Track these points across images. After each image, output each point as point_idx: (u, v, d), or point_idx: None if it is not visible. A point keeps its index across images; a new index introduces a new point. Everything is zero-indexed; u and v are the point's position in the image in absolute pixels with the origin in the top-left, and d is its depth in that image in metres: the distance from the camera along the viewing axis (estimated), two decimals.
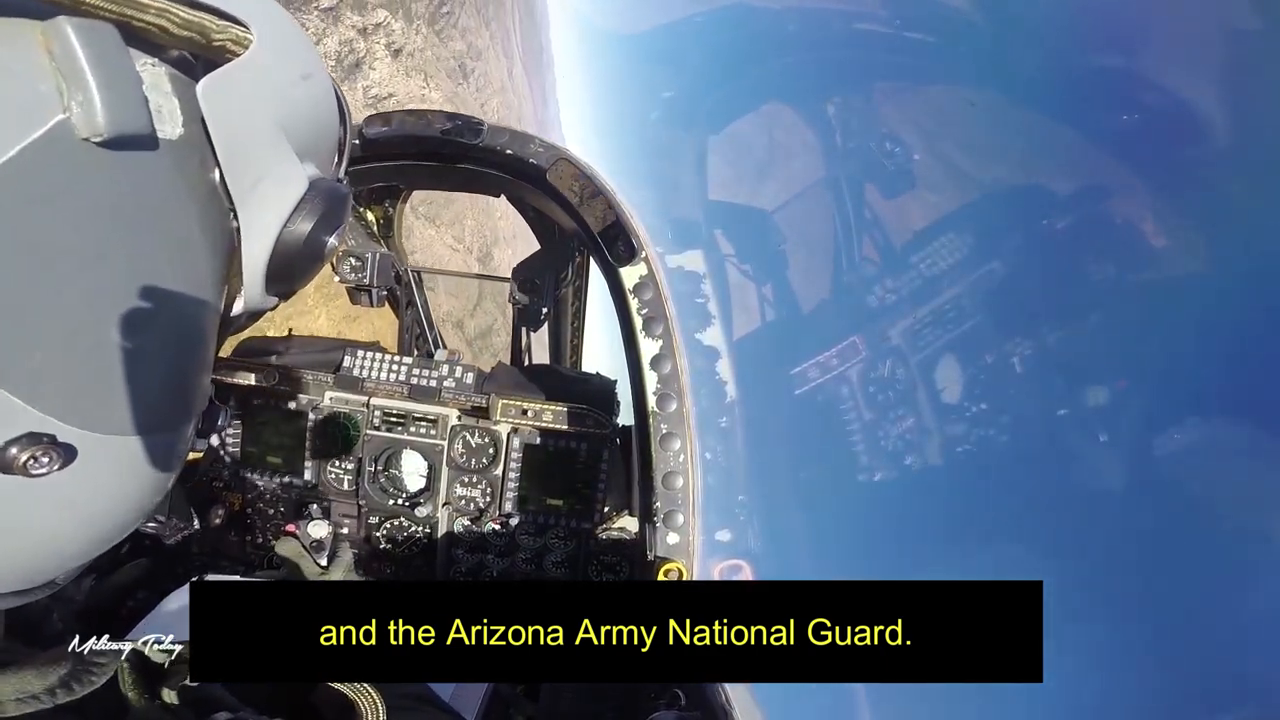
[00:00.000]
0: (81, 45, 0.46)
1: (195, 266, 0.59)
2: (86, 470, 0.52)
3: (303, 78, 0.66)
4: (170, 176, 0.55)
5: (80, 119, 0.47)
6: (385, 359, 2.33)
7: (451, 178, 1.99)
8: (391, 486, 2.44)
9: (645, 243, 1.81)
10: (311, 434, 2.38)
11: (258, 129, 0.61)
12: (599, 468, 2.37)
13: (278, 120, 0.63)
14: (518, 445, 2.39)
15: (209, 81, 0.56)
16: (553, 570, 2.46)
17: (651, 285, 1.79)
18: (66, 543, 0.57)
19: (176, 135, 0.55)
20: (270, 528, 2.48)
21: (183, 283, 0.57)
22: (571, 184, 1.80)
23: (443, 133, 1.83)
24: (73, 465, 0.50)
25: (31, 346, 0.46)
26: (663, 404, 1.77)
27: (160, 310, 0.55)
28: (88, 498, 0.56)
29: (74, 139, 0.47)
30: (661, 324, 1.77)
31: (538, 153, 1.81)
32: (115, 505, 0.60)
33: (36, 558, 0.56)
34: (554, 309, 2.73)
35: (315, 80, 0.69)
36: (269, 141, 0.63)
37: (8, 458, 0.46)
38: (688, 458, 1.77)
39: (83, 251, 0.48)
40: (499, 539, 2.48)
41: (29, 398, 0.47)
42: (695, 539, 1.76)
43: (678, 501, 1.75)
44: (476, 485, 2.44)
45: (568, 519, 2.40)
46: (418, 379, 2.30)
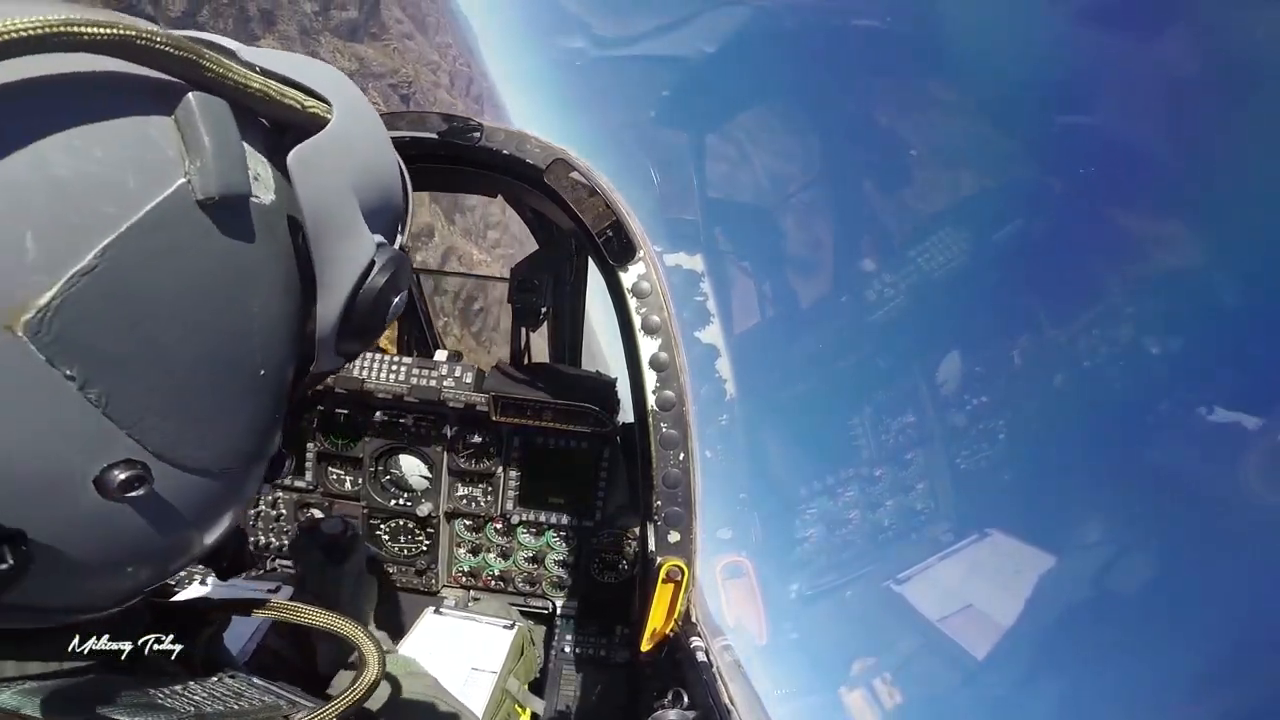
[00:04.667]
0: (202, 116, 0.52)
1: (281, 324, 0.64)
2: (167, 503, 0.57)
3: (374, 149, 0.73)
4: (263, 238, 0.58)
5: (197, 182, 0.52)
6: (385, 359, 2.33)
7: (450, 179, 1.99)
8: (393, 486, 2.44)
9: (644, 242, 1.81)
10: (312, 435, 2.38)
11: (338, 196, 0.66)
12: (599, 467, 2.38)
13: (354, 188, 0.68)
14: (518, 445, 2.39)
15: (300, 151, 0.61)
16: (554, 568, 2.46)
17: (650, 284, 1.79)
18: (140, 568, 0.61)
19: (269, 200, 0.60)
20: (272, 529, 2.48)
21: (270, 339, 0.62)
22: (569, 184, 1.80)
23: (440, 134, 1.83)
24: (156, 496, 0.55)
25: (144, 383, 0.51)
26: (662, 403, 1.77)
27: (250, 363, 0.60)
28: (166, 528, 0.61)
29: (190, 200, 0.52)
30: (661, 323, 1.77)
31: (535, 153, 1.81)
32: (187, 537, 0.64)
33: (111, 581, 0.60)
34: (554, 309, 2.73)
35: (384, 151, 0.75)
36: (347, 208, 0.68)
37: (107, 480, 0.50)
38: (688, 456, 1.77)
39: (190, 305, 0.53)
40: (500, 538, 2.48)
41: (134, 432, 0.51)
42: (696, 537, 1.77)
43: (678, 500, 1.76)
44: (477, 485, 2.44)
45: (568, 517, 2.40)
46: (418, 379, 2.30)
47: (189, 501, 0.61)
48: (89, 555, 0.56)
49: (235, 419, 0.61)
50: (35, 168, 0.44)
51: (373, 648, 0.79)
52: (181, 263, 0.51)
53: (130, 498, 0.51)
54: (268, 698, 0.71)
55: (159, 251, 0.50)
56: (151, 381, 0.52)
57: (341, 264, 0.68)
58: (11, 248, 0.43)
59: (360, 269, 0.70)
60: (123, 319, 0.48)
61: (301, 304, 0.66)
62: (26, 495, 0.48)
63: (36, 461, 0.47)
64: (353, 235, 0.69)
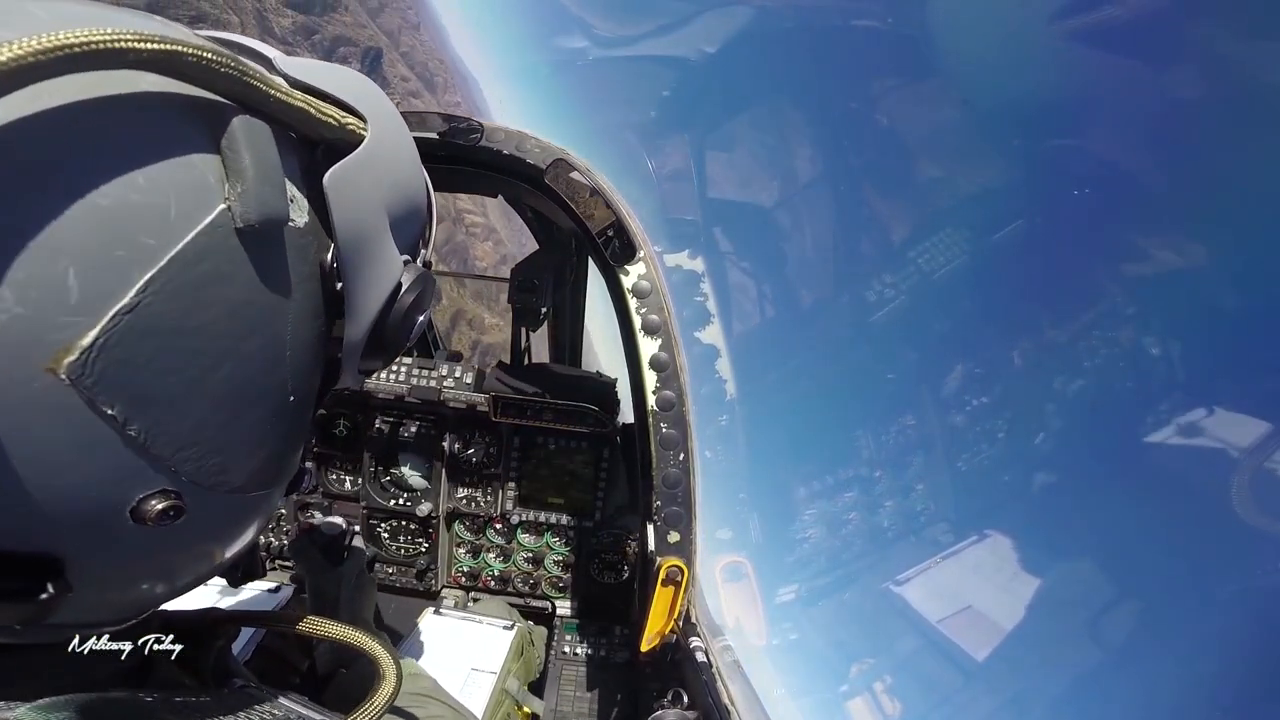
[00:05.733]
0: (245, 140, 0.51)
1: (310, 348, 0.63)
2: (199, 527, 0.58)
3: (406, 165, 0.72)
4: (296, 260, 0.58)
5: (238, 209, 0.51)
6: None
7: (450, 179, 1.99)
8: (393, 487, 2.44)
9: (644, 242, 1.81)
10: (312, 435, 2.38)
11: (371, 216, 0.66)
12: (599, 467, 2.38)
13: (386, 206, 0.68)
14: (518, 445, 2.39)
15: (337, 172, 0.60)
16: (553, 569, 2.46)
17: (650, 284, 1.78)
18: (164, 585, 0.62)
19: (303, 223, 0.59)
20: (273, 529, 2.48)
21: (300, 363, 0.62)
22: (569, 184, 1.80)
23: (441, 134, 1.83)
24: (189, 521, 0.54)
25: (183, 416, 0.51)
26: (663, 403, 1.77)
27: (282, 389, 0.60)
28: (195, 550, 0.61)
29: (230, 228, 0.51)
30: (661, 323, 1.77)
31: (535, 153, 1.81)
32: (213, 556, 0.65)
33: (134, 599, 0.61)
34: (554, 309, 2.73)
35: (414, 166, 0.74)
36: (378, 227, 0.67)
37: (144, 510, 0.50)
38: (688, 456, 1.77)
39: (227, 335, 0.53)
40: (500, 538, 2.48)
41: (172, 463, 0.51)
42: (696, 537, 1.77)
43: (678, 499, 1.75)
44: (477, 485, 2.44)
45: (568, 518, 2.40)
46: (418, 379, 2.30)
47: (219, 523, 0.61)
48: (119, 579, 0.56)
49: (266, 444, 0.61)
50: (79, 198, 0.43)
51: (390, 661, 0.79)
52: (220, 292, 0.51)
53: (163, 525, 0.52)
54: (278, 711, 0.71)
55: (199, 283, 0.49)
56: (189, 413, 0.51)
57: (371, 285, 0.67)
58: (54, 287, 0.42)
59: (389, 289, 0.70)
60: (163, 355, 0.48)
61: (330, 326, 0.66)
62: (66, 526, 0.48)
63: (76, 493, 0.47)
64: (383, 256, 0.68)
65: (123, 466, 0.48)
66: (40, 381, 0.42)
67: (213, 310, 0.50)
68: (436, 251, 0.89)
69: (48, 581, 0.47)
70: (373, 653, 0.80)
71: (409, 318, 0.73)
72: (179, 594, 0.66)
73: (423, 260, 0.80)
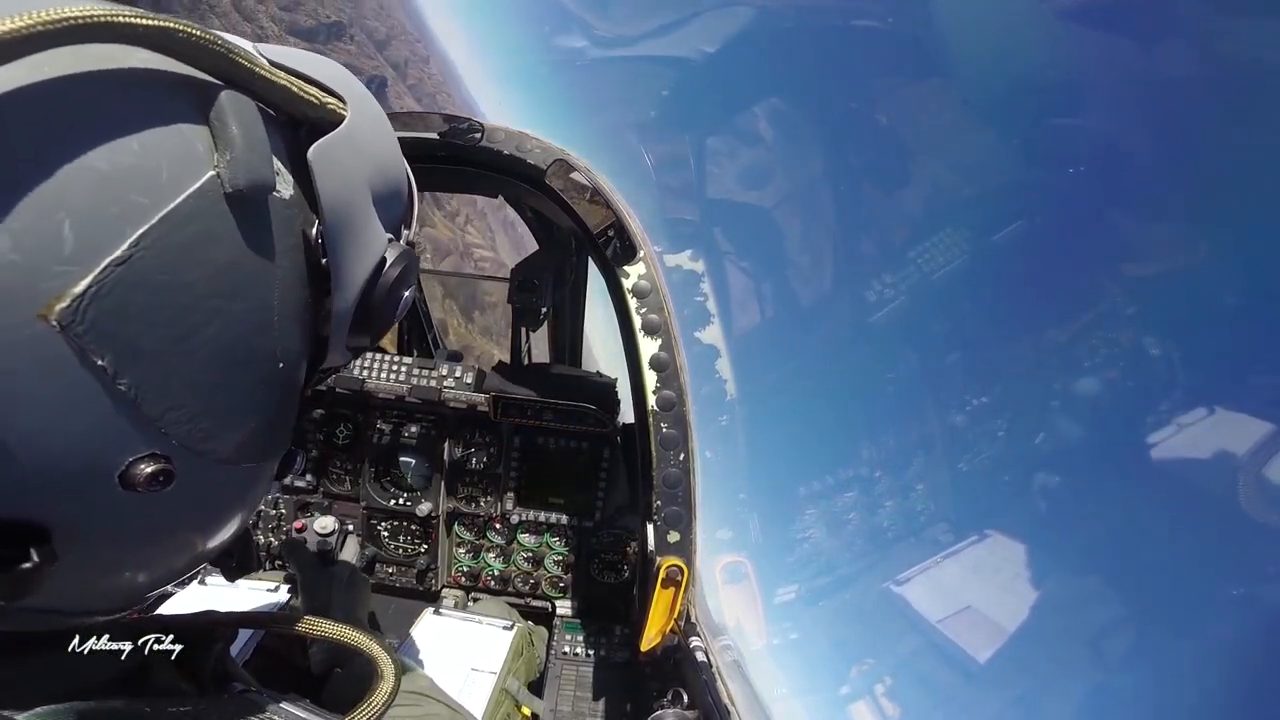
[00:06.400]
0: (232, 112, 0.54)
1: (298, 317, 0.65)
2: (188, 496, 0.58)
3: (385, 146, 0.74)
4: (282, 230, 0.60)
5: (226, 175, 0.53)
6: (385, 359, 2.33)
7: (450, 179, 1.99)
8: (393, 487, 2.44)
9: (644, 242, 1.81)
10: (313, 435, 2.38)
11: (354, 191, 0.68)
12: (599, 467, 2.38)
13: (368, 183, 0.70)
14: (518, 445, 2.39)
15: (321, 146, 0.63)
16: (553, 569, 2.46)
17: (650, 284, 1.79)
18: (157, 564, 0.62)
19: (289, 195, 0.61)
20: (272, 529, 2.48)
21: (288, 331, 0.63)
22: (570, 184, 1.80)
23: (441, 134, 1.83)
24: (179, 489, 0.54)
25: (172, 373, 0.52)
26: (663, 403, 1.77)
27: (270, 355, 0.61)
28: (186, 522, 0.61)
29: (219, 192, 0.53)
30: (661, 323, 1.77)
31: (535, 153, 1.81)
32: (204, 533, 0.65)
33: (128, 579, 0.60)
34: (554, 309, 2.73)
35: (393, 148, 0.76)
36: (362, 203, 0.69)
37: (133, 474, 0.51)
38: (688, 456, 1.77)
39: (217, 295, 0.54)
40: (500, 539, 2.48)
41: (161, 424, 0.52)
42: (696, 537, 1.77)
43: (678, 499, 1.76)
44: (477, 485, 2.44)
45: (568, 518, 2.40)
46: (418, 379, 2.30)
47: (209, 495, 0.61)
48: (110, 552, 0.55)
49: (255, 410, 0.62)
50: (75, 159, 0.45)
51: (389, 660, 0.79)
52: (209, 253, 0.52)
53: (153, 491, 0.52)
54: (279, 716, 0.71)
55: (189, 242, 0.51)
56: (179, 372, 0.52)
57: (356, 259, 0.69)
58: (50, 237, 0.43)
59: (373, 264, 0.72)
60: (154, 309, 0.49)
61: (317, 298, 0.67)
62: (52, 490, 0.48)
63: (65, 454, 0.47)
64: (367, 231, 0.70)
65: (112, 425, 0.49)
66: (31, 329, 0.43)
67: (201, 269, 0.52)
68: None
69: (31, 548, 0.46)
70: (370, 652, 0.80)
71: (394, 293, 0.74)
72: (171, 579, 0.65)
73: (406, 240, 0.81)
